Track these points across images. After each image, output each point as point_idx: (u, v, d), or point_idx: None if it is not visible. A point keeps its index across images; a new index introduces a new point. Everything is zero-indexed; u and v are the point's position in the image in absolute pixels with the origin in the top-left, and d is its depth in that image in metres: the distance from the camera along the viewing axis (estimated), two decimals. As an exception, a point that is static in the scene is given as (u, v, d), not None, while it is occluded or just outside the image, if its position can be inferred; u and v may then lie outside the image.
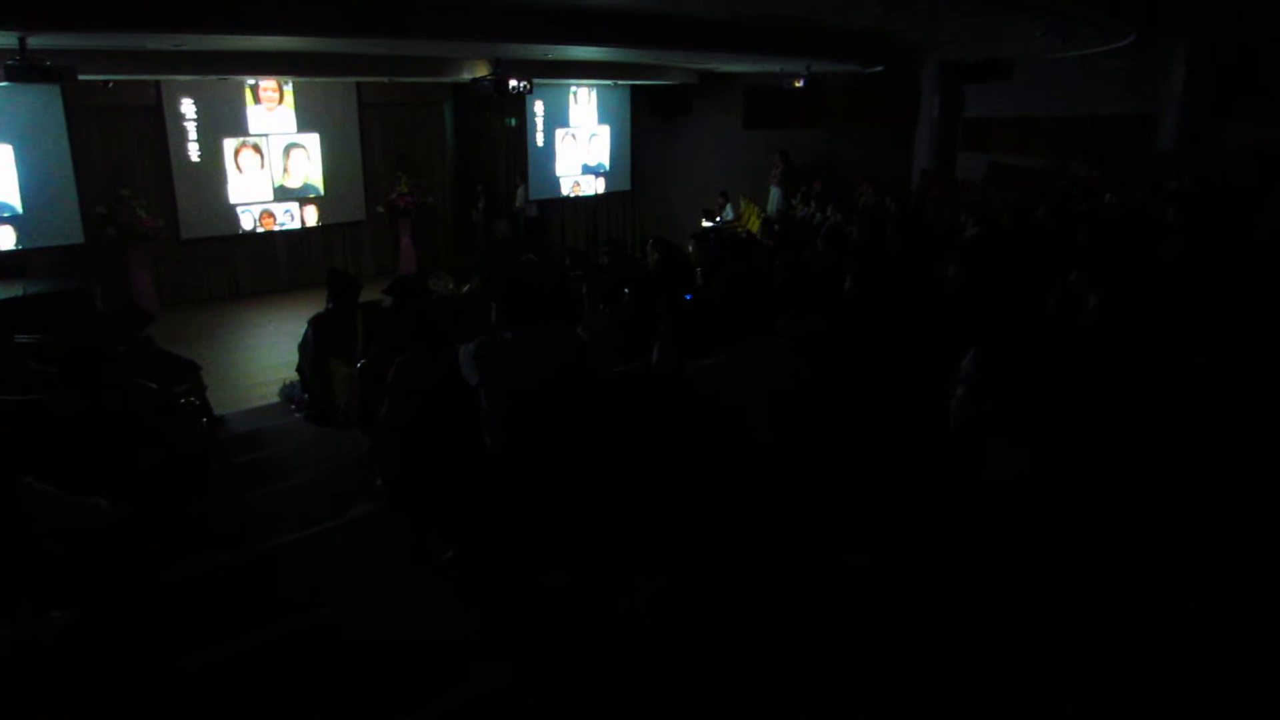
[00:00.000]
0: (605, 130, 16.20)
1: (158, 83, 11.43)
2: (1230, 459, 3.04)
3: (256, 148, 12.78)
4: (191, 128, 12.06)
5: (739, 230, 12.27)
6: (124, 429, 3.82)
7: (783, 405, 3.31)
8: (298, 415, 7.67)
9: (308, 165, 13.35)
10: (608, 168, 16.43)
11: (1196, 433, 3.03)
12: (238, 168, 12.68)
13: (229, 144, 12.50)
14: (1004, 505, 2.89)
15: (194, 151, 12.15)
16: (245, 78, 12.19)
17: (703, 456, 3.32)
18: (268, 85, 12.62)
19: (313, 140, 13.26)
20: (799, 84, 13.16)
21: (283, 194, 13.20)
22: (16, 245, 10.89)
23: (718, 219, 13.97)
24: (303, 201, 13.42)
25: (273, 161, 12.99)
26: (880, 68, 13.13)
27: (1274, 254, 5.57)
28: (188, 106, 11.95)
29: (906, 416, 3.45)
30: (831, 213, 10.89)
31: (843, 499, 3.14)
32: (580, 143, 15.93)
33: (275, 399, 8.18)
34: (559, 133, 15.61)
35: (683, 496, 3.34)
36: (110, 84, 10.57)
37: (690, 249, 6.72)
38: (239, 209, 12.81)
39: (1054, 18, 8.28)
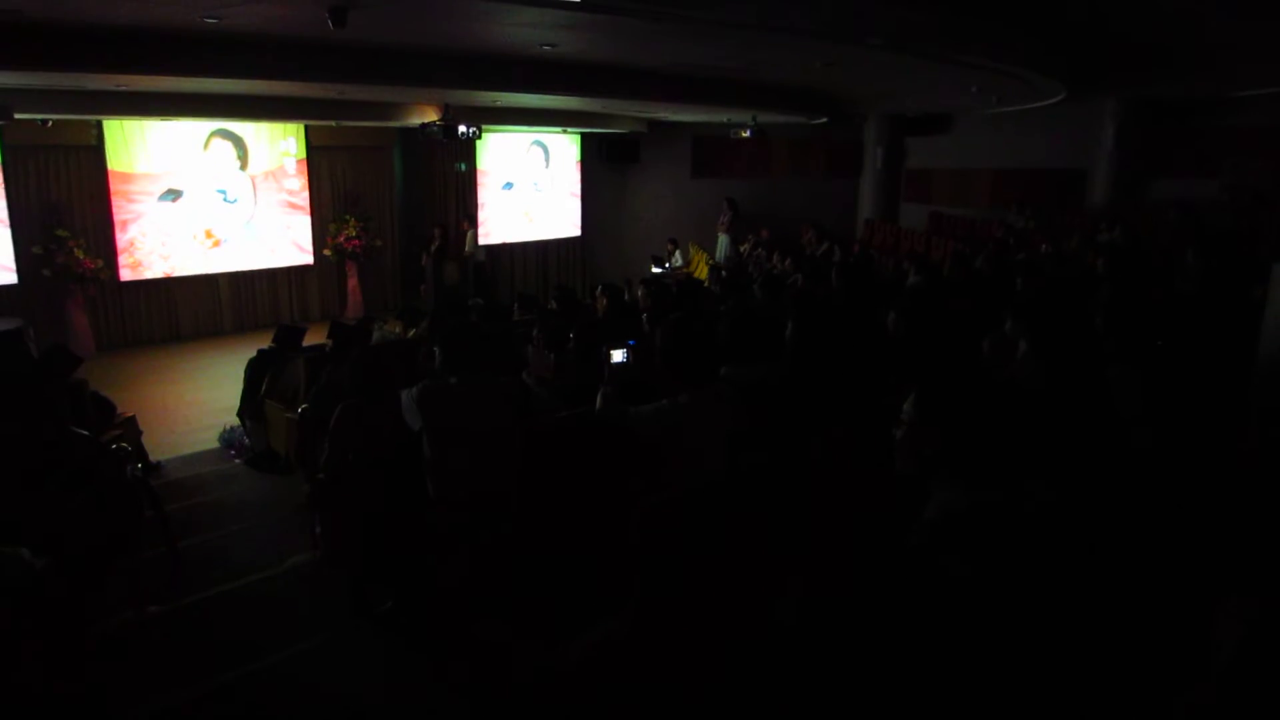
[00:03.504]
0: (554, 183, 16.34)
1: (99, 122, 11.26)
2: (1159, 499, 3.12)
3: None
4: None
5: (688, 272, 12.42)
6: (45, 473, 3.70)
7: (725, 451, 3.32)
8: (237, 461, 7.52)
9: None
10: (558, 219, 16.56)
11: (1127, 474, 3.11)
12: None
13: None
14: (943, 544, 2.93)
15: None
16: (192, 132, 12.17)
17: (643, 502, 3.31)
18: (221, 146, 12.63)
19: (258, 200, 13.18)
20: (745, 134, 13.45)
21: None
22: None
23: (667, 265, 14.13)
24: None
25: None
26: (825, 119, 13.50)
27: (1190, 306, 5.79)
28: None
29: (850, 459, 3.48)
30: (779, 259, 11.09)
31: (785, 542, 3.15)
32: (529, 196, 16.04)
33: (214, 444, 8.00)
34: (508, 188, 15.70)
35: (624, 542, 3.32)
36: (49, 123, 10.39)
37: (640, 293, 6.77)
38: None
39: (986, 74, 8.59)
